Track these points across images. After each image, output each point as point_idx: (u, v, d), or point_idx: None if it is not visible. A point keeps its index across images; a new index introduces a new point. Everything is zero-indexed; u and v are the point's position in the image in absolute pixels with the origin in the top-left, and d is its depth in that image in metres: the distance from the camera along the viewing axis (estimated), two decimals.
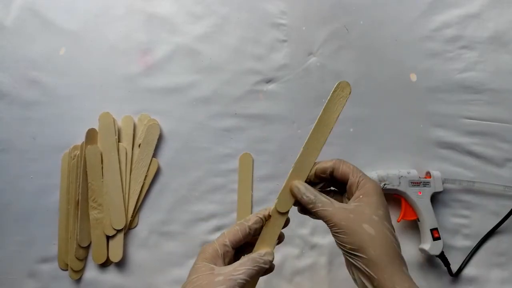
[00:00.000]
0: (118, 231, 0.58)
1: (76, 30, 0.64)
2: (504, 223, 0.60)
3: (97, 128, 0.61)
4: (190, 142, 0.62)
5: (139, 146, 0.61)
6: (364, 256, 0.35)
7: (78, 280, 0.59)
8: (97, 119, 0.61)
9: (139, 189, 0.60)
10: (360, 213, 0.37)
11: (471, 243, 0.60)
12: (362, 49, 0.64)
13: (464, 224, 0.61)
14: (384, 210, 0.37)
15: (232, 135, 0.62)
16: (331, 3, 0.65)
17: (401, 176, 0.58)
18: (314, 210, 0.38)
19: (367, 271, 0.35)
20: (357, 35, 0.64)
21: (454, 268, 0.59)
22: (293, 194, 0.40)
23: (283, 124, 0.63)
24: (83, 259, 0.59)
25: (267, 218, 0.41)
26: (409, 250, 0.60)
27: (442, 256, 0.57)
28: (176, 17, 0.64)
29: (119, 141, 0.61)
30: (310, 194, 0.39)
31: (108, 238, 0.59)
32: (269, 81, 0.64)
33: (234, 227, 0.40)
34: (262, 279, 0.59)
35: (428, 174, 0.60)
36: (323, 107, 0.42)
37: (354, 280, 0.38)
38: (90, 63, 0.63)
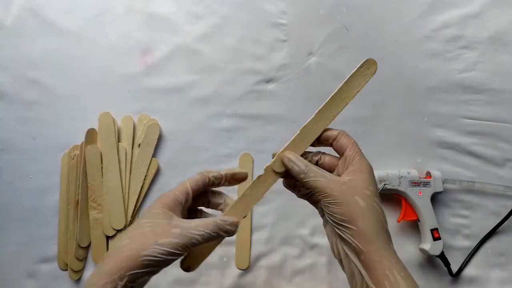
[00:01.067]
0: (118, 231, 0.58)
1: (76, 30, 0.64)
2: (504, 223, 0.60)
3: (97, 128, 0.61)
4: (190, 142, 0.62)
5: (139, 146, 0.61)
6: (353, 228, 0.35)
7: (78, 280, 0.59)
8: (97, 119, 0.61)
9: (139, 189, 0.60)
10: (353, 186, 0.36)
11: (471, 243, 0.60)
12: (362, 49, 0.64)
13: (464, 224, 0.61)
14: (374, 187, 0.38)
15: (232, 135, 0.62)
16: (331, 3, 0.65)
17: (401, 176, 0.58)
18: (306, 180, 0.37)
19: (355, 243, 0.35)
20: (357, 35, 0.64)
21: (454, 268, 0.59)
22: (284, 164, 0.39)
23: (283, 124, 0.63)
24: (83, 259, 0.59)
25: (227, 179, 0.40)
26: (409, 250, 0.60)
27: (442, 256, 0.57)
28: (176, 17, 0.64)
29: (119, 141, 0.61)
30: (301, 164, 0.38)
31: (108, 238, 0.59)
32: (269, 81, 0.64)
33: (195, 176, 0.39)
34: (262, 279, 0.59)
35: (428, 174, 0.60)
36: (345, 81, 0.41)
37: (340, 260, 0.38)
38: (90, 63, 0.63)
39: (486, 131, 0.62)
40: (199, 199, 0.40)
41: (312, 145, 0.41)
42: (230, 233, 0.37)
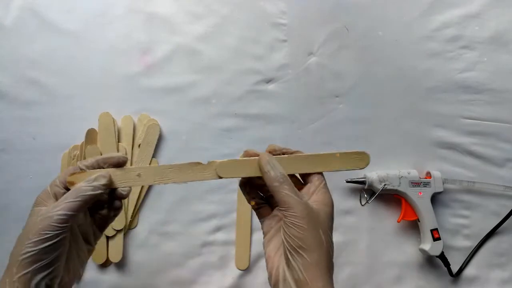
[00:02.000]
0: (118, 231, 0.58)
1: (76, 30, 0.64)
2: (504, 223, 0.60)
3: (97, 128, 0.61)
4: (190, 142, 0.62)
5: (139, 146, 0.61)
6: (307, 259, 0.33)
7: (78, 280, 0.59)
8: (97, 119, 0.61)
9: (139, 189, 0.60)
10: (318, 216, 0.35)
11: (471, 243, 0.60)
12: (362, 49, 0.64)
13: (464, 224, 0.61)
14: (332, 223, 0.37)
15: (232, 135, 0.62)
16: (331, 3, 0.65)
17: (402, 177, 0.58)
18: (278, 190, 0.35)
19: (303, 274, 0.33)
20: (357, 35, 0.64)
21: (454, 268, 0.59)
22: (260, 165, 0.37)
23: (283, 124, 0.63)
24: None
25: (99, 163, 0.38)
26: (409, 250, 0.60)
27: (442, 256, 0.57)
28: (176, 17, 0.64)
29: (119, 141, 0.61)
30: (279, 172, 0.36)
31: (108, 238, 0.59)
32: (269, 81, 0.64)
33: (68, 167, 0.38)
34: (262, 280, 0.59)
35: (428, 174, 0.60)
36: (332, 154, 0.39)
37: (274, 285, 0.35)
38: (90, 63, 0.63)
39: (486, 131, 0.62)
40: None
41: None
42: (99, 188, 0.35)
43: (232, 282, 0.59)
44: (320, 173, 0.39)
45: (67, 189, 0.37)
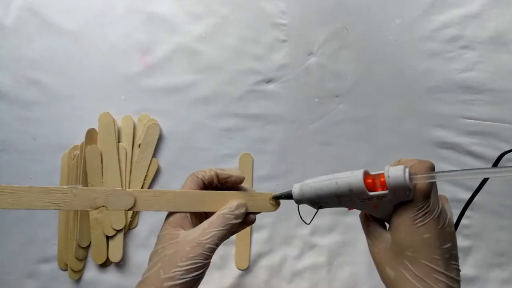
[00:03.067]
0: (118, 231, 0.58)
1: (76, 30, 0.64)
2: (504, 223, 0.60)
3: (97, 128, 0.61)
4: (190, 142, 0.62)
5: (139, 146, 0.61)
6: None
7: (78, 280, 0.59)
8: (97, 119, 0.61)
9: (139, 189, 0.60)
10: None
11: (471, 243, 0.60)
12: (362, 49, 0.64)
13: (464, 224, 0.61)
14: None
15: (232, 135, 0.62)
16: (331, 3, 0.65)
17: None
18: None
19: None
20: (357, 35, 0.64)
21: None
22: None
23: (283, 124, 0.63)
24: (83, 259, 0.59)
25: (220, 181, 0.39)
26: None
27: None
28: (176, 17, 0.64)
29: (119, 141, 0.61)
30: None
31: (108, 238, 0.59)
32: (269, 81, 0.64)
33: (187, 181, 0.39)
34: (261, 280, 0.59)
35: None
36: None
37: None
38: (90, 63, 0.63)
39: (486, 131, 0.62)
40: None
41: None
42: (240, 217, 0.36)
43: (232, 282, 0.59)
44: None
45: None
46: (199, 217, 0.38)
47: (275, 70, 0.64)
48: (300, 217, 0.41)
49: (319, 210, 0.38)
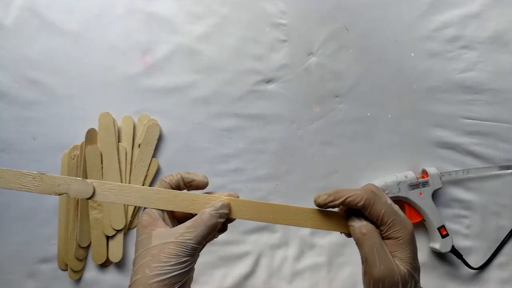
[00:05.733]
0: (118, 231, 0.58)
1: (76, 30, 0.64)
2: (504, 223, 0.60)
3: (97, 128, 0.61)
4: (190, 142, 0.62)
5: (139, 146, 0.61)
6: None
7: (78, 280, 0.59)
8: (97, 119, 0.61)
9: None
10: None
11: (471, 243, 0.60)
12: (362, 49, 0.64)
13: (464, 224, 0.61)
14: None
15: (232, 135, 0.62)
16: (331, 3, 0.65)
17: (400, 182, 0.58)
18: (339, 201, 0.37)
19: None
20: (357, 35, 0.64)
21: (458, 267, 0.59)
22: (318, 204, 0.38)
23: (283, 124, 0.63)
24: (83, 259, 0.59)
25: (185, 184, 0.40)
26: (421, 250, 0.60)
27: (454, 251, 0.57)
28: (176, 17, 0.64)
29: (119, 141, 0.61)
30: (329, 195, 0.38)
31: (108, 238, 0.59)
32: (269, 81, 0.64)
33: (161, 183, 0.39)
34: (261, 280, 0.59)
35: (424, 172, 0.60)
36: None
37: None
38: (90, 63, 0.63)
39: (486, 131, 0.62)
40: None
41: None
42: (224, 216, 0.36)
43: (232, 282, 0.59)
44: (384, 210, 0.38)
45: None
46: (172, 216, 0.39)
47: (275, 70, 0.64)
48: None
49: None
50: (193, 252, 0.34)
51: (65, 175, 0.60)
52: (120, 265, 0.59)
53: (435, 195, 0.59)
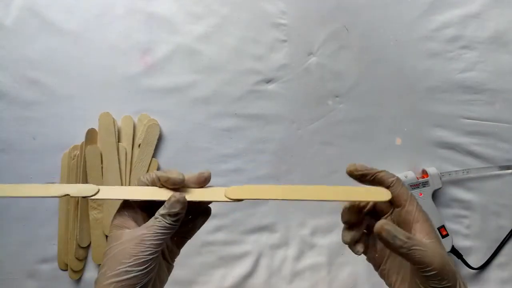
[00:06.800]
0: None
1: (76, 30, 0.64)
2: (504, 223, 0.60)
3: (97, 128, 0.61)
4: (190, 142, 0.62)
5: (139, 146, 0.61)
6: None
7: (78, 280, 0.59)
8: (97, 119, 0.61)
9: None
10: (444, 253, 0.34)
11: (471, 243, 0.60)
12: (362, 49, 0.64)
13: (464, 224, 0.61)
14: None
15: (232, 135, 0.62)
16: (331, 3, 0.65)
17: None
18: (409, 253, 0.32)
19: None
20: (357, 35, 0.64)
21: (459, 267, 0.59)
22: (382, 238, 0.33)
23: (283, 124, 0.63)
24: (83, 259, 0.59)
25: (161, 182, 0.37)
26: None
27: (454, 250, 0.57)
28: (176, 17, 0.64)
29: (119, 141, 0.61)
30: (402, 235, 0.33)
31: (108, 238, 0.59)
32: (269, 81, 0.64)
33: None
34: (261, 280, 0.59)
35: (424, 172, 0.60)
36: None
37: None
38: (90, 63, 0.63)
39: (486, 131, 0.62)
40: None
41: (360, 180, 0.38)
42: (179, 214, 0.35)
43: (232, 282, 0.59)
44: (409, 194, 0.37)
45: (141, 209, 0.37)
46: (143, 217, 0.38)
47: (275, 70, 0.64)
48: None
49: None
50: (154, 251, 0.33)
51: (65, 175, 0.60)
52: None
53: (435, 195, 0.59)
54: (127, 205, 0.37)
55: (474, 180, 0.61)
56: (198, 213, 0.39)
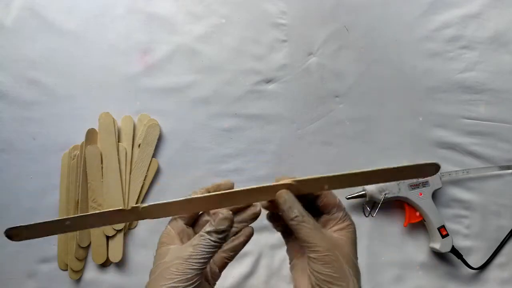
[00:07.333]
0: (118, 231, 0.58)
1: (76, 30, 0.64)
2: (504, 223, 0.60)
3: (97, 128, 0.61)
4: (190, 142, 0.62)
5: (139, 146, 0.61)
6: None
7: (78, 280, 0.59)
8: (97, 119, 0.61)
9: (139, 189, 0.60)
10: (342, 248, 0.35)
11: (471, 243, 0.60)
12: (362, 49, 0.64)
13: (464, 224, 0.61)
14: (356, 251, 0.36)
15: (232, 135, 0.62)
16: (331, 3, 0.65)
17: (400, 182, 0.58)
18: (298, 229, 0.35)
19: None
20: (357, 35, 0.64)
21: (459, 267, 0.59)
22: (278, 203, 0.36)
23: (283, 124, 0.63)
24: (83, 259, 0.59)
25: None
26: (421, 250, 0.60)
27: (454, 251, 0.57)
28: (176, 17, 0.64)
29: (119, 141, 0.61)
30: (297, 209, 0.35)
31: (108, 238, 0.59)
32: (269, 81, 0.64)
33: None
34: (262, 280, 0.59)
35: None
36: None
37: None
38: (90, 63, 0.63)
39: (486, 131, 0.62)
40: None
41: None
42: (226, 231, 0.35)
43: (232, 282, 0.59)
44: (339, 201, 0.38)
45: (189, 225, 0.38)
46: (188, 236, 0.39)
47: (275, 70, 0.64)
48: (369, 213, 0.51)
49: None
50: (199, 268, 0.34)
51: (65, 175, 0.60)
52: (120, 265, 0.59)
53: (435, 195, 0.59)
54: (174, 220, 0.39)
55: (474, 180, 0.61)
56: (240, 235, 0.41)
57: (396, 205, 0.60)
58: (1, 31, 0.63)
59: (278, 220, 0.40)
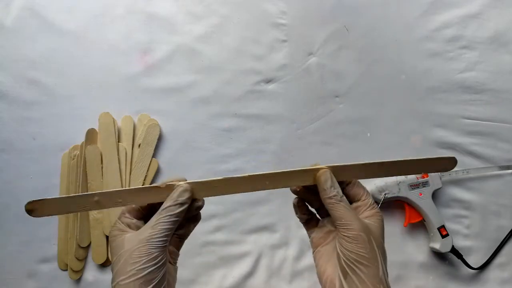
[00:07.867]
0: None
1: (76, 30, 0.64)
2: (504, 223, 0.60)
3: (97, 128, 0.61)
4: (190, 142, 0.62)
5: (139, 146, 0.61)
6: (364, 272, 0.34)
7: (78, 280, 0.59)
8: (97, 119, 0.61)
9: None
10: (372, 231, 0.36)
11: (471, 243, 0.60)
12: (362, 49, 0.64)
13: (464, 224, 0.61)
14: (384, 237, 0.37)
15: (232, 135, 0.62)
16: (331, 3, 0.65)
17: (400, 182, 0.58)
18: (336, 208, 0.36)
19: (360, 287, 0.34)
20: (357, 35, 0.64)
21: (459, 267, 0.59)
22: (319, 182, 0.37)
23: (283, 124, 0.63)
24: (83, 259, 0.59)
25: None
26: (421, 250, 0.60)
27: (453, 250, 0.57)
28: (176, 17, 0.64)
29: (119, 141, 0.61)
30: (337, 189, 0.36)
31: (108, 238, 0.59)
32: (269, 81, 0.64)
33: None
34: (262, 280, 0.59)
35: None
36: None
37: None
38: (90, 63, 0.63)
39: (486, 131, 0.62)
40: None
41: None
42: (185, 203, 0.35)
43: (232, 282, 0.59)
44: (366, 190, 0.39)
45: (138, 218, 0.38)
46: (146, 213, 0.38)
47: (275, 70, 0.64)
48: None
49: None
50: (162, 246, 0.34)
51: (65, 175, 0.60)
52: None
53: (435, 195, 0.59)
54: (125, 215, 0.38)
55: (474, 180, 0.61)
56: (190, 220, 0.40)
57: (396, 205, 0.60)
58: (1, 31, 0.63)
59: (304, 207, 0.41)
